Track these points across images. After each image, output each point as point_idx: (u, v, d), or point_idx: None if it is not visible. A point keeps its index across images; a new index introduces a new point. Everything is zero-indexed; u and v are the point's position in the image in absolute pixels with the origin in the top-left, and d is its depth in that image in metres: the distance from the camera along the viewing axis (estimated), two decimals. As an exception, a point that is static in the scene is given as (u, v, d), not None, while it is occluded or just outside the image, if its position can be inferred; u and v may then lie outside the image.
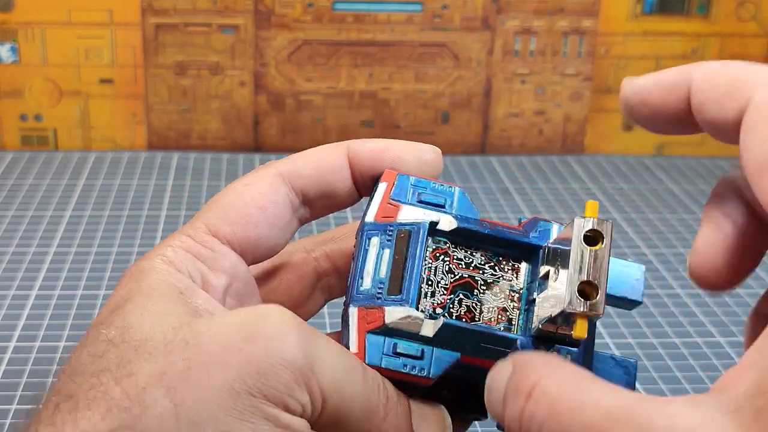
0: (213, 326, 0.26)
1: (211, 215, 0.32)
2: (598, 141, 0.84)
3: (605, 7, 0.81)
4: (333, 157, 0.32)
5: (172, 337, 0.26)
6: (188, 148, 0.81)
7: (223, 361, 0.25)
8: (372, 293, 0.30)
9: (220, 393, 0.25)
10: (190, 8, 0.78)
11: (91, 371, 0.26)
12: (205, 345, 0.26)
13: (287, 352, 0.26)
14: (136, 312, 0.27)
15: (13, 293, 0.55)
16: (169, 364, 0.25)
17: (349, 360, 0.28)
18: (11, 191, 0.71)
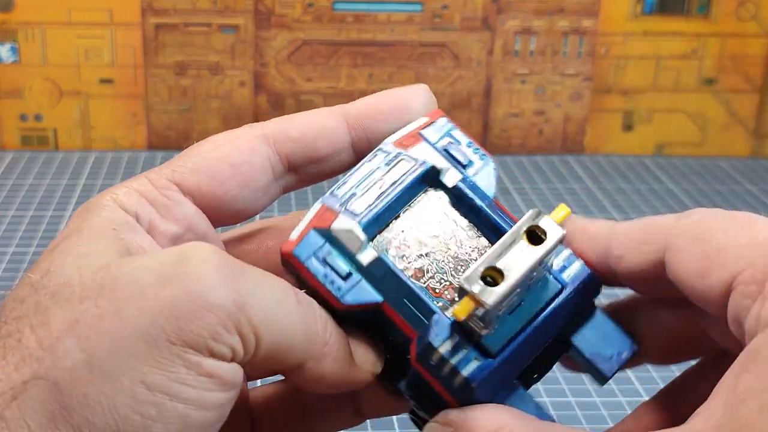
0: (130, 268, 0.24)
1: (180, 163, 0.30)
2: (598, 141, 0.84)
3: (605, 7, 0.81)
4: (325, 120, 0.30)
5: (89, 280, 0.24)
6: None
7: (137, 306, 0.23)
8: (341, 199, 0.28)
9: (135, 341, 0.23)
10: (190, 8, 0.78)
11: (12, 317, 0.25)
12: (119, 289, 0.24)
13: (210, 294, 0.23)
14: (62, 253, 0.26)
15: (13, 293, 0.55)
16: (82, 311, 0.24)
17: (281, 290, 0.25)
18: (11, 191, 0.70)
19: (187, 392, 0.23)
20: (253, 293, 0.24)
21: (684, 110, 0.84)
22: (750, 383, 0.23)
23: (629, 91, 0.83)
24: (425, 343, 0.26)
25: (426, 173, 0.29)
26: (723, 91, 0.84)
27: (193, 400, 0.23)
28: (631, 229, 0.28)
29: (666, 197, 0.74)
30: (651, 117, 0.84)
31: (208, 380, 0.23)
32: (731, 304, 0.25)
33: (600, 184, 0.76)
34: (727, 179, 0.79)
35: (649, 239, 0.27)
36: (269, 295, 0.24)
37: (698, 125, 0.85)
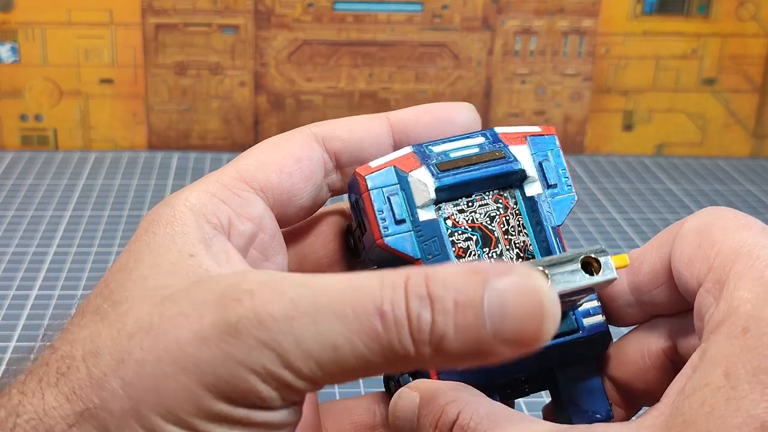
0: (177, 314, 0.24)
1: (243, 163, 0.30)
2: (598, 141, 0.84)
3: (605, 7, 0.81)
4: (370, 122, 0.31)
5: (145, 315, 0.24)
6: (188, 148, 0.81)
7: (179, 362, 0.23)
8: (430, 155, 0.29)
9: (180, 394, 0.23)
10: (190, 8, 0.78)
11: (71, 340, 0.25)
12: (163, 336, 0.24)
13: (248, 358, 0.23)
14: (137, 284, 0.26)
15: (13, 293, 0.55)
16: (127, 351, 0.24)
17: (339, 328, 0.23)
18: (11, 191, 0.71)
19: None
20: (302, 347, 0.23)
21: (684, 110, 0.84)
22: (695, 381, 0.23)
23: (629, 91, 0.83)
24: None
25: (514, 173, 0.30)
26: (723, 91, 0.84)
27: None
28: (649, 242, 0.29)
29: (666, 197, 0.74)
30: (651, 117, 0.84)
31: (260, 427, 0.24)
32: (698, 299, 0.26)
33: (600, 184, 0.76)
34: (727, 179, 0.79)
35: (663, 241, 0.28)
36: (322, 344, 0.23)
37: (698, 125, 0.85)
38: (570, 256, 0.25)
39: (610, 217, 0.70)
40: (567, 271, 0.25)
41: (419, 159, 0.29)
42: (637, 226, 0.68)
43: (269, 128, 0.82)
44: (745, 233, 0.26)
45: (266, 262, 0.30)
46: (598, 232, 0.67)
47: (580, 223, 0.68)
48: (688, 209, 0.72)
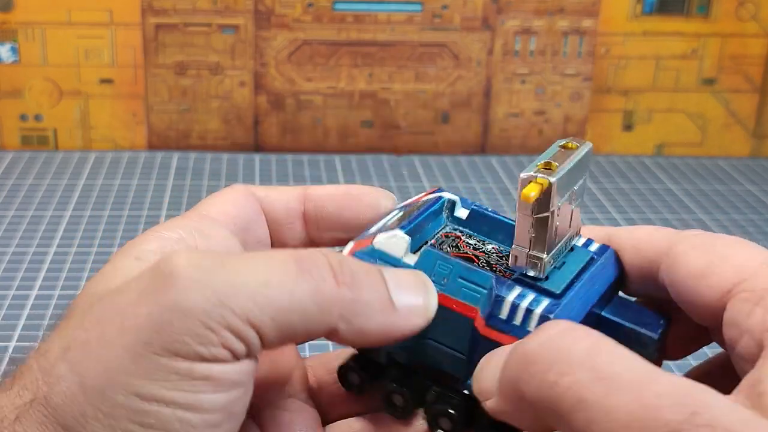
0: (115, 292, 0.25)
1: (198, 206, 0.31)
2: (598, 141, 0.84)
3: (605, 7, 0.81)
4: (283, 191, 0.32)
5: (87, 309, 0.25)
6: (188, 148, 0.81)
7: (118, 327, 0.24)
8: (372, 231, 0.29)
9: (123, 360, 0.23)
10: (190, 8, 0.78)
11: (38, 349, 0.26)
12: (103, 312, 0.24)
13: (184, 300, 0.23)
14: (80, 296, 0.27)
15: (13, 293, 0.55)
16: (73, 337, 0.24)
17: (271, 267, 0.24)
18: (11, 191, 0.71)
19: (184, 397, 0.23)
20: (232, 283, 0.24)
21: (684, 110, 0.84)
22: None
23: (629, 91, 0.83)
24: (492, 301, 0.27)
25: (443, 203, 0.31)
26: (723, 91, 0.84)
27: (191, 404, 0.23)
28: (633, 232, 0.30)
29: (666, 197, 0.74)
30: (651, 117, 0.84)
31: (204, 383, 0.23)
32: (731, 308, 0.26)
33: (600, 184, 0.76)
34: (727, 179, 0.79)
35: (650, 240, 0.29)
36: (254, 279, 0.24)
37: (698, 125, 0.85)
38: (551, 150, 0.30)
39: (610, 217, 0.70)
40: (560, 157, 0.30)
41: (366, 236, 0.29)
42: (637, 226, 0.68)
43: (269, 128, 0.82)
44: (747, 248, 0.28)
45: None
46: (598, 232, 0.67)
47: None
48: (688, 209, 0.72)
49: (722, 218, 0.70)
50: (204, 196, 0.71)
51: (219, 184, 0.73)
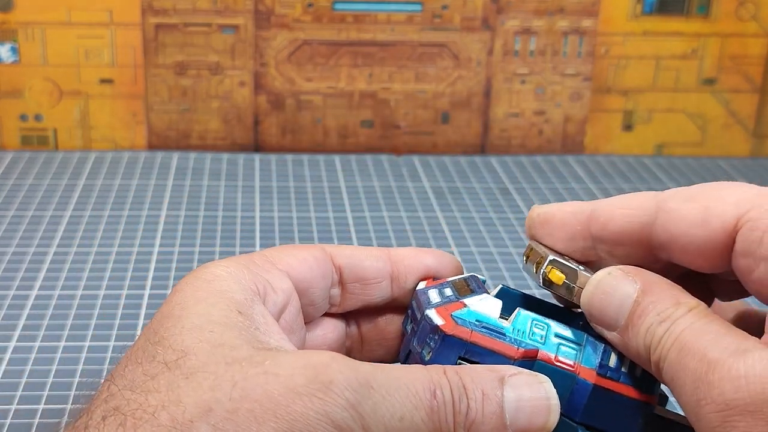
0: (262, 372, 0.27)
1: (268, 250, 0.33)
2: (598, 141, 0.84)
3: (605, 7, 0.81)
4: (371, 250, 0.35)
5: (222, 372, 0.27)
6: (188, 148, 0.81)
7: (272, 411, 0.26)
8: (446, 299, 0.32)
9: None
10: (190, 8, 0.78)
11: (141, 389, 0.27)
12: (253, 391, 0.26)
13: (335, 415, 0.26)
14: (193, 334, 0.28)
15: (13, 293, 0.55)
16: (215, 401, 0.26)
17: (409, 401, 0.28)
18: (11, 191, 0.71)
19: None
20: (377, 413, 0.27)
21: (684, 110, 0.84)
22: None
23: (629, 91, 0.83)
24: (600, 352, 0.30)
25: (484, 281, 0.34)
26: (723, 91, 0.84)
27: None
28: (614, 200, 0.32)
29: (666, 197, 0.74)
30: (651, 117, 0.84)
31: None
32: (741, 239, 0.28)
33: (600, 184, 0.76)
34: (727, 179, 0.79)
35: (636, 204, 0.31)
36: (392, 413, 0.27)
37: (698, 125, 0.85)
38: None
39: (610, 217, 0.70)
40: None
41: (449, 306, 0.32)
42: (637, 226, 0.68)
43: (269, 128, 0.82)
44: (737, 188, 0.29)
45: (291, 335, 0.32)
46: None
47: (580, 223, 0.68)
48: (688, 209, 0.72)
49: (722, 218, 0.70)
50: (204, 196, 0.71)
51: (219, 184, 0.73)
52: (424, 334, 0.31)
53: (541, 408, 0.29)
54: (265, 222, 0.67)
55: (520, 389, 0.29)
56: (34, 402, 0.44)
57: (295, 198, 0.71)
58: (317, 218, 0.67)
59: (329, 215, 0.68)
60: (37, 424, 0.42)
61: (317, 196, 0.72)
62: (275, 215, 0.68)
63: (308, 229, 0.65)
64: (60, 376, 0.46)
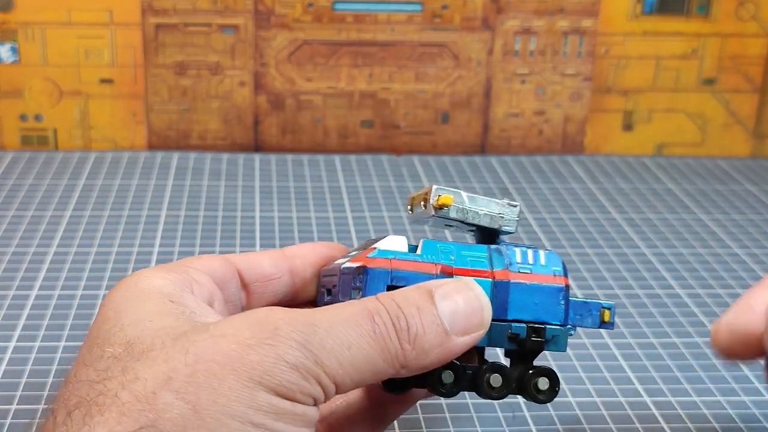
0: (209, 336, 0.28)
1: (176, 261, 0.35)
2: (598, 141, 0.84)
3: (605, 7, 0.81)
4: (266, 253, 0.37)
5: (170, 345, 0.28)
6: (188, 148, 0.81)
7: (227, 365, 0.27)
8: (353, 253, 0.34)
9: (236, 391, 0.27)
10: (190, 8, 0.78)
11: (97, 380, 0.28)
12: (205, 352, 0.28)
13: (288, 356, 0.28)
14: (134, 327, 0.29)
15: (13, 293, 0.55)
16: (172, 369, 0.27)
17: (353, 331, 0.29)
18: (11, 191, 0.71)
19: (285, 429, 0.28)
20: (326, 347, 0.29)
21: (684, 110, 0.84)
22: None
23: (629, 91, 0.83)
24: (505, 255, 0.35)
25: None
26: (723, 91, 0.84)
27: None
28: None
29: (666, 197, 0.74)
30: (651, 117, 0.84)
31: (300, 419, 0.28)
32: None
33: (600, 184, 0.76)
34: (727, 179, 0.79)
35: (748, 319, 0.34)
36: (340, 344, 0.29)
37: (698, 125, 0.85)
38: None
39: (610, 217, 0.70)
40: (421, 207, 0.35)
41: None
42: (637, 226, 0.68)
43: (269, 128, 0.82)
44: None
45: None
46: (598, 232, 0.67)
47: (580, 223, 0.68)
48: (688, 209, 0.72)
49: (722, 218, 0.70)
50: (204, 196, 0.71)
51: (219, 184, 0.73)
52: (346, 284, 0.33)
53: (474, 308, 0.32)
54: (265, 222, 0.67)
55: (451, 296, 0.31)
56: (34, 402, 0.44)
57: (295, 198, 0.71)
58: (317, 218, 0.67)
59: (329, 215, 0.68)
60: (37, 424, 0.42)
61: (317, 196, 0.72)
62: (275, 215, 0.68)
63: (308, 229, 0.65)
64: (60, 376, 0.46)
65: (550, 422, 0.44)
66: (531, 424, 0.44)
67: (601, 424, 0.44)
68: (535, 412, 0.45)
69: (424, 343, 0.30)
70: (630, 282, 0.59)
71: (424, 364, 0.31)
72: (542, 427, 0.43)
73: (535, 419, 0.44)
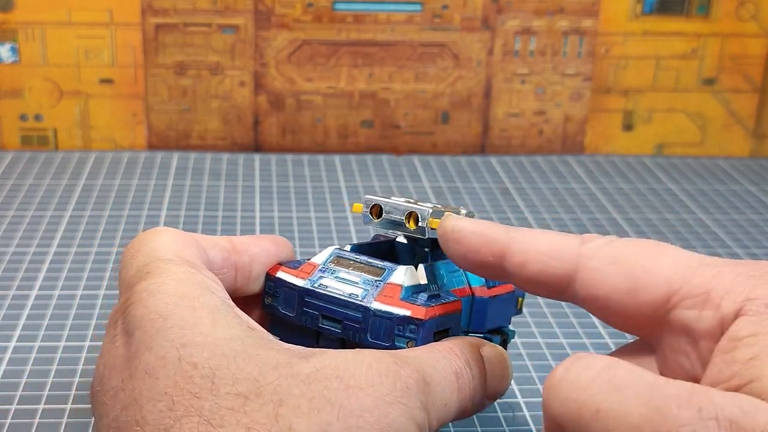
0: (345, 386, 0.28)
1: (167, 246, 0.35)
2: (598, 141, 0.84)
3: (605, 7, 0.81)
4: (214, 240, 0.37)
5: (310, 393, 0.28)
6: (188, 148, 0.81)
7: (377, 424, 0.28)
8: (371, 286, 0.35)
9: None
10: (190, 8, 0.78)
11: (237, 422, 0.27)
12: (351, 406, 0.28)
13: (418, 417, 0.29)
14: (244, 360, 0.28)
15: (13, 293, 0.55)
16: (326, 423, 0.27)
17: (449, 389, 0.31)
18: (11, 191, 0.71)
19: None
20: (436, 408, 0.30)
21: (684, 110, 0.84)
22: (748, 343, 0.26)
23: (629, 91, 0.83)
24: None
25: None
26: (723, 91, 0.84)
27: None
28: (536, 241, 0.31)
29: (666, 197, 0.74)
30: (651, 117, 0.84)
31: None
32: (677, 317, 0.28)
33: (600, 184, 0.76)
34: (727, 179, 0.79)
35: (557, 255, 0.30)
36: (440, 401, 0.30)
37: (698, 125, 0.85)
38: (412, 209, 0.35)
39: (610, 217, 0.70)
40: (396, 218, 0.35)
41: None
42: (637, 226, 0.68)
43: (269, 128, 0.82)
44: (665, 254, 0.29)
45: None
46: (598, 232, 0.67)
47: (581, 224, 0.68)
48: (688, 209, 0.72)
49: (722, 218, 0.70)
50: (204, 196, 0.71)
51: (219, 184, 0.73)
52: (385, 328, 0.33)
53: (505, 374, 0.34)
54: (265, 222, 0.67)
55: (493, 363, 0.33)
56: (34, 402, 0.44)
57: (295, 198, 0.71)
58: (317, 218, 0.67)
59: (329, 215, 0.68)
60: (37, 424, 0.42)
61: (317, 196, 0.72)
62: (275, 215, 0.68)
63: (308, 229, 0.65)
64: (60, 376, 0.46)
65: (550, 422, 0.44)
66: (531, 424, 0.44)
67: (601, 424, 0.44)
68: (535, 412, 0.45)
69: (475, 404, 0.33)
70: (630, 282, 0.59)
71: (460, 419, 0.33)
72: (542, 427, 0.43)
73: (535, 419, 0.44)
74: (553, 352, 0.50)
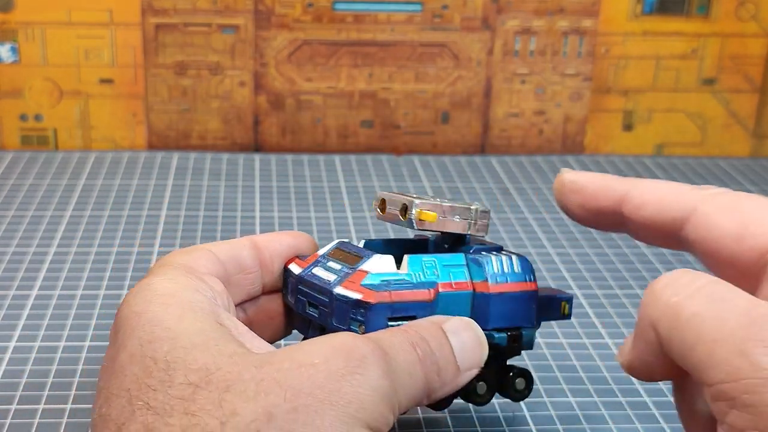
0: (298, 365, 0.28)
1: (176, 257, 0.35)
2: (598, 141, 0.84)
3: (605, 7, 0.81)
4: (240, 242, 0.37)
5: (258, 376, 0.28)
6: (188, 148, 0.81)
7: (327, 401, 0.27)
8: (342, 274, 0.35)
9: (336, 428, 0.27)
10: (190, 8, 0.78)
11: (185, 411, 0.27)
12: (302, 385, 0.27)
13: (379, 385, 0.28)
14: (203, 352, 0.29)
15: (13, 293, 0.55)
16: (272, 405, 0.27)
17: (411, 358, 0.31)
18: (11, 191, 0.71)
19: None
20: (399, 377, 0.30)
21: (684, 110, 0.84)
22: None
23: (629, 91, 0.83)
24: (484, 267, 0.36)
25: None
26: (723, 91, 0.84)
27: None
28: (656, 186, 0.33)
29: (666, 197, 0.74)
30: (651, 117, 0.84)
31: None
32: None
33: (600, 184, 0.76)
34: (727, 179, 0.79)
35: (676, 198, 0.32)
36: (402, 371, 0.30)
37: (698, 125, 0.85)
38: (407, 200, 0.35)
39: (610, 217, 0.70)
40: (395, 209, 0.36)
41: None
42: (637, 226, 0.68)
43: (269, 128, 0.82)
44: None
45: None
46: (598, 232, 0.67)
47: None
48: (688, 209, 0.72)
49: (722, 218, 0.70)
50: (204, 196, 0.71)
51: (219, 184, 0.73)
52: (343, 312, 0.33)
53: (476, 346, 0.34)
54: (265, 222, 0.67)
55: (459, 334, 0.33)
56: (34, 402, 0.44)
57: (295, 198, 0.71)
58: (317, 218, 0.67)
59: (329, 215, 0.68)
60: (37, 424, 0.42)
61: (317, 196, 0.72)
62: (275, 215, 0.68)
63: (308, 229, 0.65)
64: (60, 376, 0.46)
65: (551, 422, 0.44)
66: (531, 424, 0.44)
67: (601, 423, 0.44)
68: (535, 412, 0.45)
69: (445, 377, 0.32)
70: (630, 282, 0.59)
71: (440, 396, 0.32)
72: (542, 427, 0.43)
73: (535, 419, 0.44)
74: (553, 352, 0.50)
